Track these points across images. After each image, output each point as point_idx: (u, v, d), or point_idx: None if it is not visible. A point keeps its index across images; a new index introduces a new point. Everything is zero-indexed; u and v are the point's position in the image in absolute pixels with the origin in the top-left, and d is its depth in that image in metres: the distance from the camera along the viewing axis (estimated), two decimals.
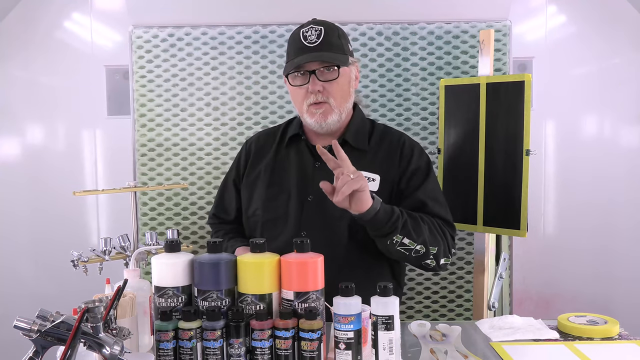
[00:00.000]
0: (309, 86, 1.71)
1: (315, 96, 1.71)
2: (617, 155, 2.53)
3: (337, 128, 1.79)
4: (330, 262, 1.35)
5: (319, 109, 1.73)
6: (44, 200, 2.48)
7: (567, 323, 1.55)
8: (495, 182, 2.03)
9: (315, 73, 1.70)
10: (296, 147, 1.85)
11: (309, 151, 1.81)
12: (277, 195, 1.79)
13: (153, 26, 2.33)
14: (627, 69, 2.51)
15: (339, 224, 1.71)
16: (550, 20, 2.49)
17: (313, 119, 1.74)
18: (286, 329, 1.24)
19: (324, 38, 1.71)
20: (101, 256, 1.82)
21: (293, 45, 1.76)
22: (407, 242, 1.62)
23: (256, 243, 1.32)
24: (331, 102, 1.73)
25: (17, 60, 2.46)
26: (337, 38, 1.76)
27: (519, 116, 1.95)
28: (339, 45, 1.75)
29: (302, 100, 1.74)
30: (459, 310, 2.41)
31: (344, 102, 1.76)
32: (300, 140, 1.84)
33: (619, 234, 2.55)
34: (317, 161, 1.77)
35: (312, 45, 1.71)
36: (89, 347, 1.11)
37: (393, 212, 1.60)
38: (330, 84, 1.72)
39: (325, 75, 1.71)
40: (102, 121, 2.48)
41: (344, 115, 1.78)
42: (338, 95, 1.73)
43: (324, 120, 1.73)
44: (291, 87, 1.77)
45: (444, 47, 2.34)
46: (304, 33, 1.73)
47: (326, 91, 1.71)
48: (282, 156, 1.85)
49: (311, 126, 1.77)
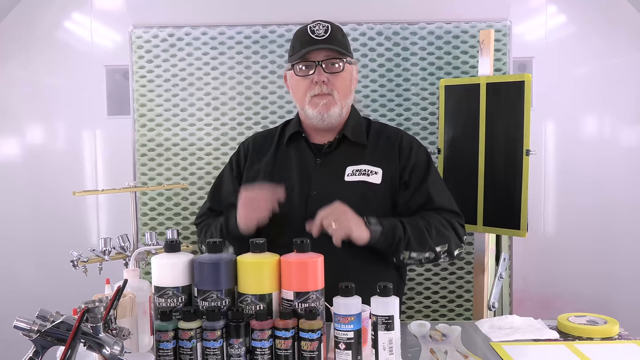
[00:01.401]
0: (314, 77, 1.74)
1: (320, 87, 1.74)
2: (617, 155, 2.53)
3: (337, 123, 1.80)
4: (334, 256, 1.35)
5: (322, 99, 1.75)
6: (44, 200, 2.48)
7: (567, 323, 1.55)
8: (495, 182, 2.03)
9: (321, 64, 1.73)
10: (296, 145, 1.86)
11: (309, 148, 1.83)
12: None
13: (153, 26, 2.33)
14: (627, 69, 2.51)
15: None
16: (550, 20, 2.49)
17: (316, 109, 1.75)
18: (286, 329, 1.24)
19: (331, 34, 1.76)
20: (101, 256, 1.82)
21: (299, 39, 1.79)
22: (414, 255, 1.70)
23: (256, 243, 1.32)
24: (335, 95, 1.75)
25: (17, 60, 2.46)
26: (342, 37, 1.81)
27: (519, 116, 1.95)
28: (343, 43, 1.80)
29: (306, 92, 1.76)
30: (459, 310, 2.41)
31: (345, 97, 1.79)
32: (300, 138, 1.85)
33: (618, 234, 2.55)
34: (318, 157, 1.80)
35: (320, 38, 1.74)
36: (89, 347, 1.11)
37: (394, 236, 1.66)
38: (335, 76, 1.75)
39: (330, 68, 1.75)
40: (102, 121, 2.48)
41: (344, 111, 1.80)
42: (341, 89, 1.76)
43: (326, 112, 1.75)
44: (295, 77, 1.79)
45: (444, 47, 2.34)
46: (311, 28, 1.77)
47: (331, 83, 1.75)
48: (282, 154, 1.86)
49: (312, 118, 1.78)
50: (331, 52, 1.74)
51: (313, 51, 1.73)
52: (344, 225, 1.58)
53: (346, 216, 1.60)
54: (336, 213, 1.60)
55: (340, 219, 1.59)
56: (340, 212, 1.61)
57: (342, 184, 1.77)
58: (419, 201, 1.78)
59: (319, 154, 1.82)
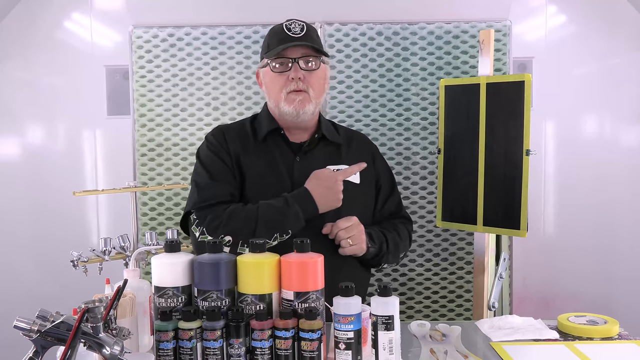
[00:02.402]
0: (290, 73, 1.75)
1: (296, 83, 1.75)
2: (617, 155, 2.53)
3: (310, 121, 1.82)
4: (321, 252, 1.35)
5: (298, 95, 1.76)
6: (44, 200, 2.48)
7: (567, 323, 1.56)
8: (495, 182, 2.03)
9: (298, 61, 1.75)
10: (273, 141, 1.83)
11: (287, 146, 1.83)
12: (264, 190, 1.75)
13: (153, 26, 2.33)
14: (627, 69, 2.51)
15: (323, 216, 1.73)
16: (550, 20, 2.49)
17: (292, 105, 1.75)
18: (286, 329, 1.24)
19: (307, 32, 1.78)
20: (101, 256, 1.82)
21: (275, 37, 1.79)
22: (386, 266, 1.96)
23: (256, 243, 1.32)
24: (310, 92, 1.77)
25: (17, 60, 2.46)
26: (317, 37, 1.84)
27: (519, 116, 1.95)
28: (318, 42, 1.83)
29: (281, 88, 1.77)
30: (459, 310, 2.41)
31: (319, 96, 1.81)
32: (277, 135, 1.83)
33: (618, 234, 2.55)
34: (297, 155, 1.82)
35: (297, 36, 1.76)
36: (89, 347, 1.11)
37: (380, 252, 1.81)
38: (311, 74, 1.77)
39: (306, 65, 1.77)
40: (102, 121, 2.48)
41: (317, 109, 1.83)
42: (316, 87, 1.78)
43: (302, 108, 1.76)
44: (270, 74, 1.79)
45: (444, 47, 2.34)
46: (287, 26, 1.78)
47: (306, 80, 1.76)
48: (260, 151, 1.81)
49: (287, 115, 1.77)
50: (308, 50, 1.76)
51: (289, 48, 1.75)
52: (358, 246, 1.72)
53: (362, 237, 1.74)
54: (356, 231, 1.72)
55: (359, 238, 1.73)
56: (359, 232, 1.73)
57: None
58: (391, 209, 1.93)
59: (299, 152, 1.82)
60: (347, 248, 1.71)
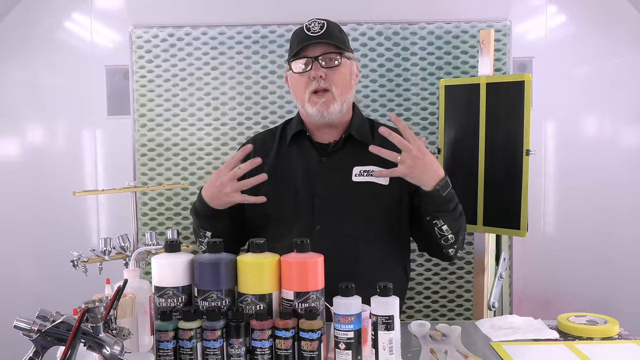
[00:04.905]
0: (311, 73, 1.74)
1: (318, 82, 1.74)
2: (617, 155, 2.53)
3: (338, 120, 1.80)
4: (345, 254, 1.35)
5: (321, 97, 1.75)
6: (44, 200, 2.48)
7: (567, 323, 1.56)
8: (495, 182, 2.03)
9: (318, 60, 1.73)
10: (299, 144, 1.85)
11: (313, 147, 1.82)
12: (284, 193, 1.78)
13: (153, 26, 2.33)
14: (627, 69, 2.51)
15: (354, 215, 1.72)
16: (550, 20, 2.49)
17: (315, 107, 1.75)
18: (286, 329, 1.24)
19: (327, 30, 1.76)
20: (101, 256, 1.82)
21: (296, 38, 1.79)
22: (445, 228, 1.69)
23: (256, 243, 1.32)
24: (333, 90, 1.75)
25: (17, 60, 2.46)
26: (339, 32, 1.81)
27: (519, 116, 1.95)
28: (340, 38, 1.80)
29: (304, 89, 1.76)
30: (459, 310, 2.41)
31: (345, 93, 1.78)
32: (303, 137, 1.84)
33: (618, 234, 2.55)
34: (323, 156, 1.80)
35: (315, 35, 1.74)
36: (89, 347, 1.12)
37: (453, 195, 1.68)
38: (333, 71, 1.75)
39: (328, 63, 1.75)
40: (102, 121, 2.48)
41: (345, 107, 1.79)
42: (340, 84, 1.76)
43: (326, 110, 1.74)
44: (293, 75, 1.79)
45: (444, 47, 2.34)
46: (307, 26, 1.77)
47: (328, 78, 1.74)
48: (284, 155, 1.85)
49: (312, 117, 1.77)
50: (327, 47, 1.75)
51: (309, 47, 1.74)
52: (428, 158, 1.60)
53: (434, 160, 1.63)
54: (422, 145, 1.60)
55: (424, 150, 1.60)
56: (425, 150, 1.61)
57: (349, 184, 1.76)
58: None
59: (324, 152, 1.81)
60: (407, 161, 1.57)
